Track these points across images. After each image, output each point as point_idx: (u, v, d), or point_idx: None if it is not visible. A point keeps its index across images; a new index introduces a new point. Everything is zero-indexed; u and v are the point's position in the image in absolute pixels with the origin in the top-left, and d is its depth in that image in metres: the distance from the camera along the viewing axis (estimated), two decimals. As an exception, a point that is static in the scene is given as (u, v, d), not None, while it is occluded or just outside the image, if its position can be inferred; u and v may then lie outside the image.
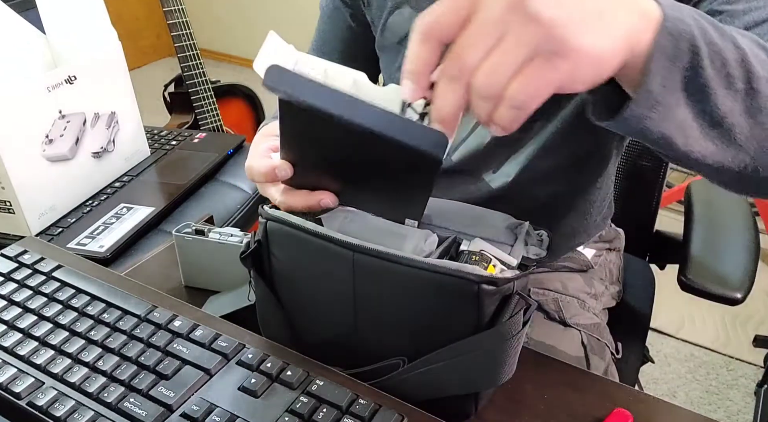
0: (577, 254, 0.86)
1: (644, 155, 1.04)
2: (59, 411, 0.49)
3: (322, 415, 0.47)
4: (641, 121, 0.40)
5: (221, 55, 3.80)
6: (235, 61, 3.78)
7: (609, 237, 0.91)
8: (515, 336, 0.49)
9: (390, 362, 0.53)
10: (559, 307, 0.79)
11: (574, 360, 0.75)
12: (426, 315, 0.51)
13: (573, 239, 0.84)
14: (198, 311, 0.60)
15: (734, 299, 0.76)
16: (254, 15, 3.59)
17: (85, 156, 0.93)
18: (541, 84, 0.36)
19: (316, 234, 0.53)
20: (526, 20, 0.34)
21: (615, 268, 0.91)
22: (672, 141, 0.42)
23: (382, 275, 0.51)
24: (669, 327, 1.83)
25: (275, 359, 0.52)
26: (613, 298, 0.89)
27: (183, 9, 1.77)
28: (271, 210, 0.57)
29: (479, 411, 0.55)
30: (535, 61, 0.35)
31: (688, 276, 0.78)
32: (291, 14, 3.36)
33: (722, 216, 0.92)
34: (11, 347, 0.56)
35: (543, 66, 0.35)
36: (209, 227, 0.70)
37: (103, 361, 0.53)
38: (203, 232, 0.69)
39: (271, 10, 3.50)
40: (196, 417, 0.48)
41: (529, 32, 0.35)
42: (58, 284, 0.62)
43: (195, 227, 0.70)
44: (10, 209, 0.83)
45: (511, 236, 0.57)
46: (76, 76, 0.89)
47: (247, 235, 0.58)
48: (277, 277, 0.59)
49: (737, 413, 1.57)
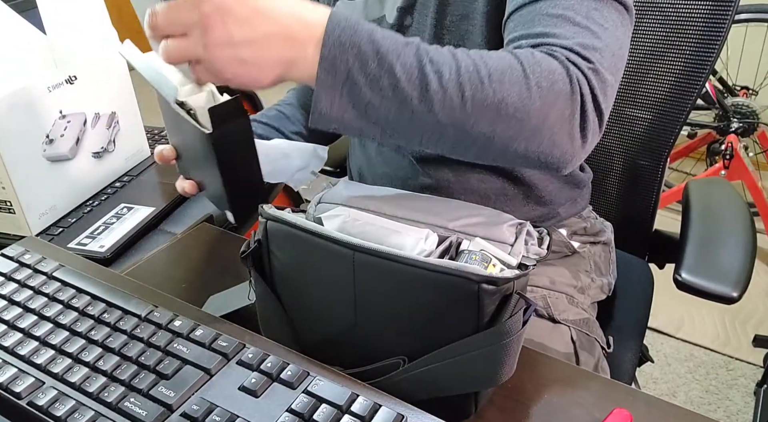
0: (558, 236, 0.86)
1: (643, 154, 1.04)
2: (59, 410, 0.49)
3: (322, 415, 0.47)
4: (327, 127, 0.53)
5: (221, 55, 3.79)
6: (235, 61, 3.77)
7: (594, 230, 0.91)
8: (515, 335, 0.49)
9: (390, 361, 0.53)
10: (548, 304, 0.79)
11: (563, 356, 0.75)
12: (426, 315, 0.51)
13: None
14: (198, 311, 0.60)
15: (730, 298, 0.75)
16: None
17: (85, 156, 0.93)
18: (177, 56, 0.52)
19: (316, 234, 0.54)
20: (197, 22, 0.49)
21: (602, 261, 0.91)
22: (366, 135, 0.55)
23: (383, 275, 0.51)
24: (669, 327, 1.83)
25: (275, 358, 0.52)
26: (602, 291, 0.89)
27: (183, 9, 1.77)
28: (271, 210, 0.57)
29: (479, 410, 0.55)
30: (189, 41, 0.51)
31: (684, 275, 0.78)
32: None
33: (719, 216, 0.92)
34: (12, 347, 0.56)
35: (190, 48, 0.51)
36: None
37: (103, 361, 0.53)
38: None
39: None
40: (196, 416, 0.48)
41: (200, 30, 0.50)
42: (59, 284, 0.62)
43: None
44: (11, 209, 0.83)
45: (512, 236, 0.57)
46: (77, 76, 0.89)
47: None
48: (277, 277, 0.59)
49: (737, 413, 1.57)
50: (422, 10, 0.76)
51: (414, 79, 0.52)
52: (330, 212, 0.60)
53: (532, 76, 0.54)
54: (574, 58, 0.57)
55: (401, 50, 0.52)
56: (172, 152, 0.67)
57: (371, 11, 0.81)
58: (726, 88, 2.20)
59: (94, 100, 0.93)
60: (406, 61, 0.52)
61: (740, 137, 2.12)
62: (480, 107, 0.53)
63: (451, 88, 0.52)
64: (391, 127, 0.54)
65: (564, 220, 0.87)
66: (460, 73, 0.53)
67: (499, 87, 0.53)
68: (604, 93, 0.57)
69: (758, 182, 2.05)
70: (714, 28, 0.91)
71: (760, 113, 2.12)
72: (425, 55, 0.53)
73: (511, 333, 0.49)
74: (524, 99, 0.54)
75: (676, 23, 0.95)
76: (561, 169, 0.59)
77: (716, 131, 2.18)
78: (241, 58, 0.50)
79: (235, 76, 0.51)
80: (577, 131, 0.57)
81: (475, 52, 0.55)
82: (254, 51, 0.50)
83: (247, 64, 0.50)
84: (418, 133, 0.55)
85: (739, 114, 2.13)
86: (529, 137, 0.55)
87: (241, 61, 0.50)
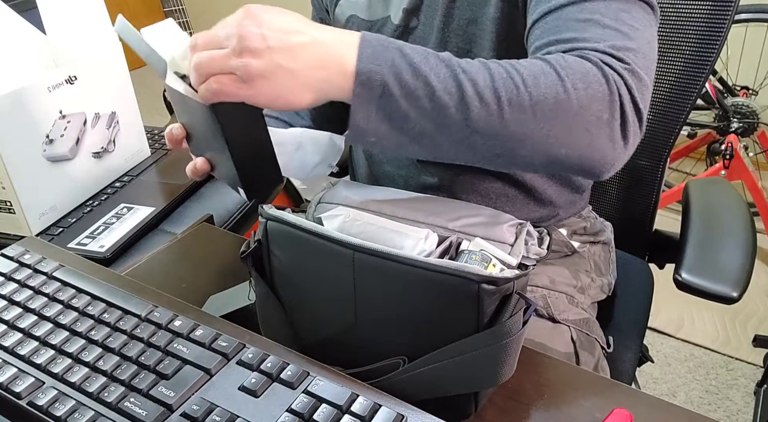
0: (558, 236, 0.86)
1: (643, 154, 1.04)
2: (59, 410, 0.49)
3: (322, 415, 0.47)
4: (363, 142, 0.54)
5: (221, 56, 3.79)
6: (235, 61, 3.77)
7: (594, 230, 0.91)
8: (515, 335, 0.49)
9: (390, 361, 0.53)
10: (548, 303, 0.79)
11: (563, 356, 0.75)
12: (426, 315, 0.51)
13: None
14: (198, 311, 0.60)
15: (730, 298, 0.75)
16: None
17: (85, 156, 0.93)
18: (225, 89, 0.51)
19: (316, 234, 0.54)
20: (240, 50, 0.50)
21: (602, 260, 0.91)
22: (403, 149, 0.55)
23: (383, 275, 0.51)
24: (669, 327, 1.83)
25: (275, 358, 0.52)
26: (602, 290, 0.89)
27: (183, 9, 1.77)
28: (271, 210, 0.57)
29: (479, 410, 0.55)
30: (232, 76, 0.50)
31: (684, 275, 0.78)
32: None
33: (719, 216, 0.92)
34: (12, 347, 0.56)
35: (233, 82, 0.50)
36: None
37: (103, 361, 0.53)
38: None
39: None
40: (196, 416, 0.48)
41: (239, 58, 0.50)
42: (59, 284, 0.62)
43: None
44: (11, 209, 0.83)
45: (512, 236, 0.57)
46: (77, 76, 0.89)
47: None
48: (277, 277, 0.59)
49: (737, 413, 1.57)
50: (429, 13, 0.76)
51: (449, 88, 0.52)
52: (330, 212, 0.60)
53: (567, 79, 0.53)
54: (609, 60, 0.56)
55: (433, 61, 0.53)
56: (182, 130, 0.65)
57: (375, 11, 0.81)
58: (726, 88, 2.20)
59: (94, 100, 0.93)
60: (439, 72, 0.52)
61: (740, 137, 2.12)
62: (517, 111, 0.52)
63: (487, 94, 0.52)
64: (428, 138, 0.54)
65: (564, 220, 0.87)
66: (494, 79, 0.53)
67: (535, 90, 0.53)
68: (641, 93, 0.56)
69: (758, 182, 2.05)
70: (714, 28, 0.91)
71: (760, 113, 2.12)
72: (457, 64, 0.53)
73: (511, 333, 0.49)
74: (561, 101, 0.53)
75: (676, 23, 0.95)
76: (602, 173, 0.57)
77: (716, 131, 2.18)
78: (277, 63, 0.50)
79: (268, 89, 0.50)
80: (618, 133, 0.55)
81: (505, 61, 0.55)
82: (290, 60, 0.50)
83: (282, 73, 0.50)
84: (455, 143, 0.54)
85: (739, 114, 2.13)
86: (568, 142, 0.54)
87: (275, 68, 0.50)
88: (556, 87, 0.53)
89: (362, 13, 0.82)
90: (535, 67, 0.54)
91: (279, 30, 0.50)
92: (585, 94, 0.53)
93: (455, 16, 0.74)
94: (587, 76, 0.54)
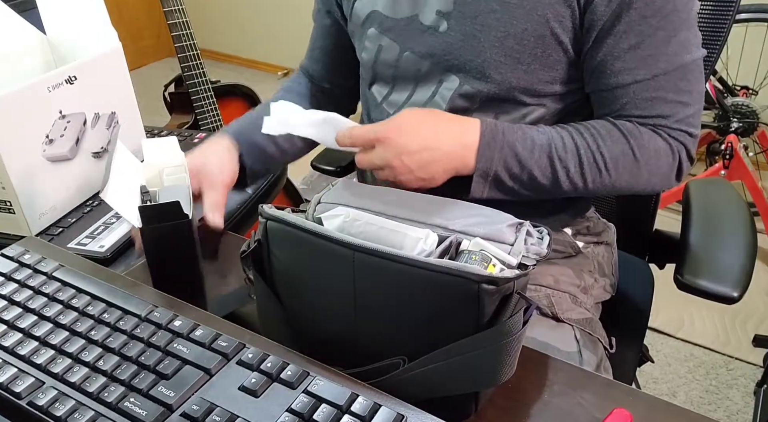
0: (563, 236, 0.86)
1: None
2: (59, 410, 0.49)
3: (322, 415, 0.47)
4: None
5: (221, 55, 3.80)
6: (235, 61, 3.78)
7: (597, 230, 0.91)
8: (515, 335, 0.49)
9: (390, 361, 0.53)
10: (552, 303, 0.79)
11: (566, 355, 0.75)
12: (426, 315, 0.51)
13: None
14: (198, 311, 0.60)
15: (730, 297, 0.75)
16: (254, 15, 3.59)
17: (85, 156, 0.93)
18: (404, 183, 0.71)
19: (316, 234, 0.54)
20: (394, 176, 0.71)
21: (605, 261, 0.91)
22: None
23: (383, 275, 0.51)
24: (669, 327, 1.83)
25: (275, 358, 0.52)
26: (605, 291, 0.89)
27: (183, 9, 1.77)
28: (271, 210, 0.57)
29: (479, 410, 0.55)
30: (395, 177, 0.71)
31: (685, 275, 0.78)
32: (290, 14, 3.35)
33: (720, 215, 0.92)
34: (12, 347, 0.56)
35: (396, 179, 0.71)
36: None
37: (103, 361, 0.53)
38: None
39: (270, 10, 3.50)
40: (196, 416, 0.48)
41: (390, 169, 0.70)
42: (59, 284, 0.62)
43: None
44: (11, 209, 0.83)
45: (512, 236, 0.57)
46: (77, 76, 0.89)
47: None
48: (277, 277, 0.59)
49: (737, 413, 1.57)
50: (461, 19, 0.75)
51: (547, 174, 0.73)
52: (330, 212, 0.60)
53: (642, 159, 0.73)
54: (676, 134, 0.74)
55: (537, 154, 0.72)
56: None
57: (401, 9, 0.79)
58: (726, 88, 2.20)
59: (94, 100, 0.93)
60: (541, 163, 0.72)
61: (740, 136, 2.12)
62: (598, 188, 0.74)
63: (576, 178, 0.73)
64: (525, 198, 0.75)
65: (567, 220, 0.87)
66: (583, 166, 0.73)
67: (615, 174, 0.73)
68: (694, 145, 0.76)
69: (758, 182, 2.05)
70: (714, 28, 0.91)
71: (760, 113, 2.12)
72: (555, 154, 0.72)
73: (512, 333, 0.49)
74: (635, 176, 0.74)
75: (676, 23, 0.95)
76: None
77: (716, 131, 2.18)
78: (419, 177, 0.71)
79: (415, 187, 0.70)
80: (674, 179, 0.78)
81: (592, 138, 0.73)
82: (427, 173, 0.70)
83: (424, 182, 0.71)
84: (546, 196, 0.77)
85: (739, 114, 2.12)
86: (635, 193, 0.78)
87: (419, 181, 0.71)
88: (632, 168, 0.73)
89: (385, 10, 0.81)
90: (616, 148, 0.73)
91: (415, 152, 0.69)
92: (654, 167, 0.74)
93: (492, 26, 0.73)
94: (658, 152, 0.74)
